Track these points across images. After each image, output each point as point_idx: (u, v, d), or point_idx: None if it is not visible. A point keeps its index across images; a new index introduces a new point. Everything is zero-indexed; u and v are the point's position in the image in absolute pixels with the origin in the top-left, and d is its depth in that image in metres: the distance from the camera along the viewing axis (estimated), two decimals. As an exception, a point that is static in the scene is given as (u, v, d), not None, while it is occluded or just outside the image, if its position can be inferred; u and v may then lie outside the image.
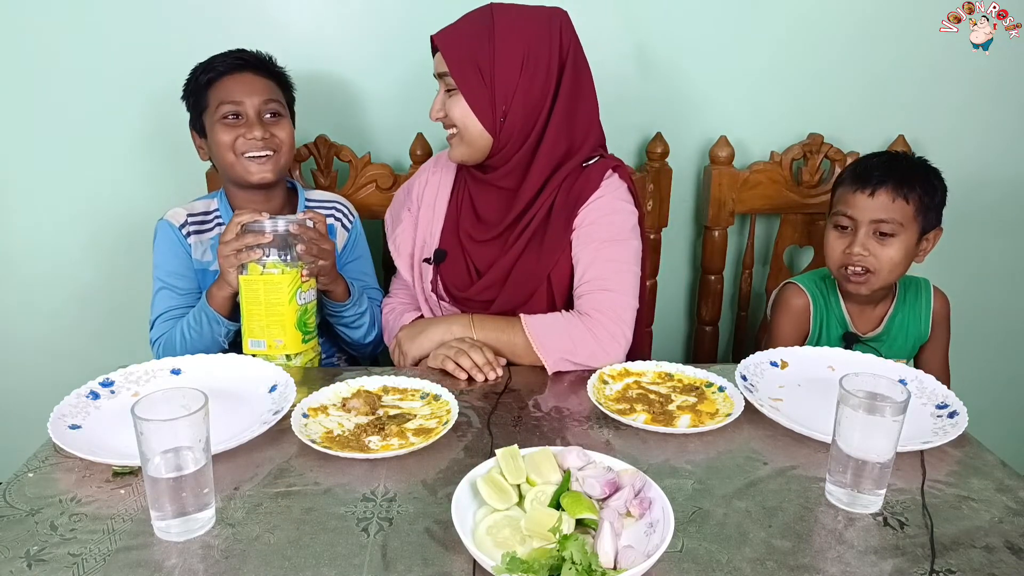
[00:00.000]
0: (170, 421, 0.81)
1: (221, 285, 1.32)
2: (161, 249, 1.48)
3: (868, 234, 1.39)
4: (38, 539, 0.84)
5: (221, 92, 1.43)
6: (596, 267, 1.31)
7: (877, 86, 1.76)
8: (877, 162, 1.41)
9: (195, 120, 1.48)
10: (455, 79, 1.28)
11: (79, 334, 1.87)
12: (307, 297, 1.29)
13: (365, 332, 1.51)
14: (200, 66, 1.46)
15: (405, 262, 1.48)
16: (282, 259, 1.27)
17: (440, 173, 1.49)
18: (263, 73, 1.47)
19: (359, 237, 1.62)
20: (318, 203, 1.60)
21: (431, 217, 1.46)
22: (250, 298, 1.26)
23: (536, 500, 0.85)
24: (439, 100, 1.33)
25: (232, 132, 1.42)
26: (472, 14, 1.32)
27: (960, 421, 1.05)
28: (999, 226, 1.90)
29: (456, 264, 1.42)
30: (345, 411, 1.10)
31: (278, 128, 1.46)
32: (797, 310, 1.51)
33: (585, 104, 1.35)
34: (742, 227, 1.88)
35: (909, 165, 1.41)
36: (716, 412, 1.10)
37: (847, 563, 0.80)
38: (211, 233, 1.52)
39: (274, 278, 1.25)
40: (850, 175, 1.42)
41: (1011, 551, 0.83)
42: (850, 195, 1.40)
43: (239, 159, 1.43)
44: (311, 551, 0.81)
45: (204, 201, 1.54)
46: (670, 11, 1.69)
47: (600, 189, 1.33)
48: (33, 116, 1.71)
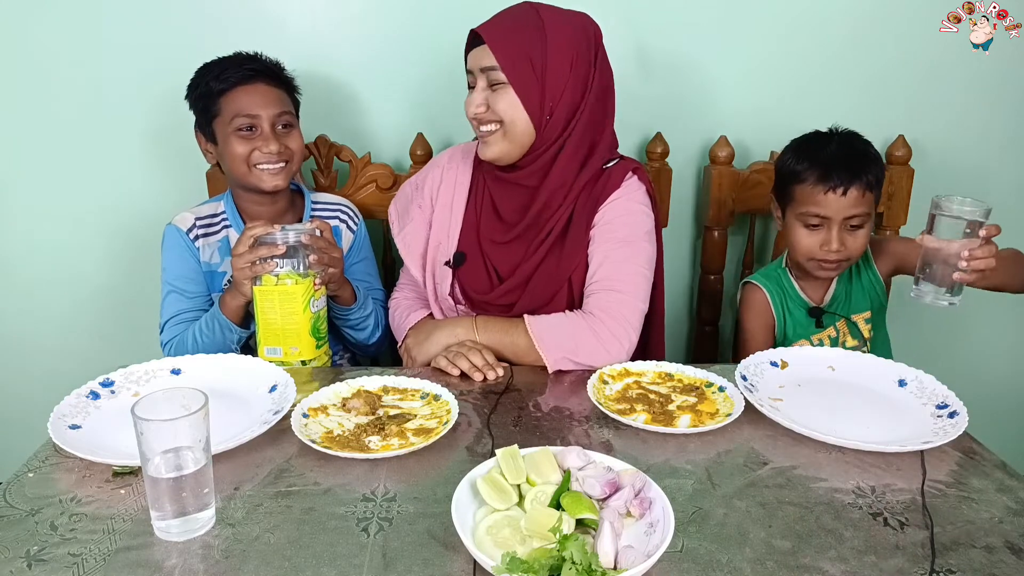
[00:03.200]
0: (170, 421, 0.81)
1: (235, 295, 1.33)
2: (169, 254, 1.50)
3: (841, 229, 1.43)
4: (38, 539, 0.84)
5: (236, 104, 1.42)
6: (606, 267, 1.31)
7: (877, 86, 1.76)
8: (836, 156, 1.41)
9: (204, 125, 1.48)
10: (506, 72, 1.27)
11: (79, 334, 1.87)
12: (319, 304, 1.31)
13: (369, 333, 1.52)
14: (209, 71, 1.45)
15: (416, 261, 1.48)
16: (295, 269, 1.28)
17: (456, 171, 1.48)
18: (275, 83, 1.47)
19: (364, 239, 1.63)
20: (324, 205, 1.60)
21: (448, 219, 1.46)
22: (265, 308, 1.28)
23: (536, 500, 0.85)
24: (480, 94, 1.32)
25: (248, 144, 1.43)
26: (514, 10, 1.32)
27: (960, 421, 1.05)
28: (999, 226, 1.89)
29: (475, 267, 1.42)
30: (345, 411, 1.10)
31: (290, 139, 1.48)
32: (759, 305, 1.56)
33: (608, 107, 1.38)
34: (742, 227, 1.87)
35: (862, 153, 1.44)
36: (716, 412, 1.10)
37: (847, 563, 0.80)
38: (218, 235, 1.52)
39: (288, 288, 1.27)
40: (816, 175, 1.41)
41: (1011, 551, 0.83)
42: (820, 196, 1.41)
43: (252, 169, 1.44)
44: (311, 551, 0.81)
45: (211, 204, 1.56)
46: (670, 11, 1.70)
47: (620, 190, 1.35)
48: (33, 117, 1.71)
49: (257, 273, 1.28)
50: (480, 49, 1.30)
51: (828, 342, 1.54)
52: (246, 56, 1.47)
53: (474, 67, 1.32)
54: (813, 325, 1.54)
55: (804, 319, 1.55)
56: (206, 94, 1.44)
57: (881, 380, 1.20)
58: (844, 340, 1.55)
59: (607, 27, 1.36)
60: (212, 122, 1.45)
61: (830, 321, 1.54)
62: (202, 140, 1.50)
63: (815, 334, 1.55)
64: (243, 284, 1.30)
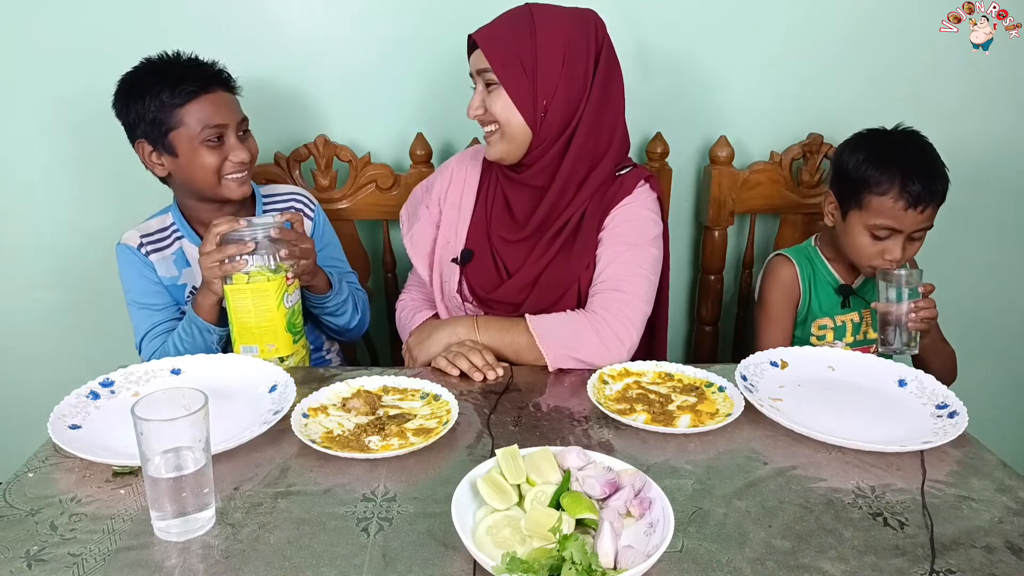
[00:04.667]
0: (170, 421, 0.81)
1: (206, 294, 1.31)
2: (127, 272, 1.46)
3: (906, 239, 1.42)
4: (38, 539, 0.84)
5: (202, 114, 1.36)
6: (613, 268, 1.32)
7: (877, 86, 1.76)
8: (917, 171, 1.38)
9: (156, 138, 1.38)
10: (497, 74, 1.29)
11: (79, 334, 1.87)
12: (293, 299, 1.30)
13: (349, 318, 1.51)
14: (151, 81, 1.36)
15: (423, 260, 1.48)
16: (265, 264, 1.26)
17: (465, 172, 1.49)
18: (228, 88, 1.43)
19: (324, 223, 1.60)
20: (276, 198, 1.57)
21: (456, 217, 1.46)
22: (238, 307, 1.26)
23: (536, 500, 0.85)
24: (478, 97, 1.33)
25: (218, 155, 1.38)
26: (510, 13, 1.33)
27: (960, 421, 1.05)
28: (999, 226, 1.90)
29: (484, 265, 1.42)
30: (345, 411, 1.10)
31: (251, 143, 1.45)
32: (787, 278, 1.57)
33: (614, 105, 1.37)
34: (742, 227, 1.88)
35: (940, 167, 1.42)
36: (716, 412, 1.10)
37: (847, 563, 0.80)
38: (172, 248, 1.48)
39: (261, 286, 1.25)
40: (897, 191, 1.38)
41: (1011, 551, 0.83)
42: (900, 212, 1.39)
43: (222, 180, 1.41)
44: (311, 551, 0.81)
45: (156, 219, 1.50)
46: (670, 11, 1.70)
47: (632, 195, 1.37)
48: (39, 109, 1.71)
49: (227, 272, 1.25)
50: (477, 52, 1.31)
51: (851, 326, 1.55)
52: (188, 63, 1.40)
53: (473, 70, 1.34)
54: (839, 305, 1.55)
55: (831, 297, 1.56)
56: (158, 107, 1.35)
57: (881, 380, 1.20)
58: (867, 331, 1.56)
59: (607, 27, 1.36)
60: (168, 135, 1.37)
61: (857, 304, 1.55)
62: (149, 152, 1.40)
63: (840, 315, 1.56)
64: (213, 283, 1.28)
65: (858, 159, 1.44)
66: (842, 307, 1.55)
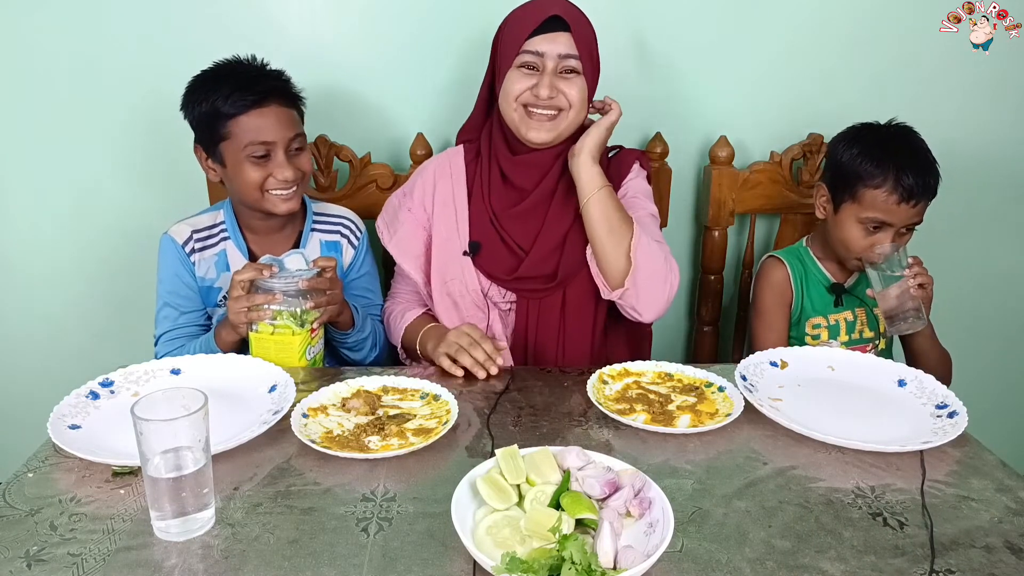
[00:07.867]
0: (170, 421, 0.81)
1: (230, 332, 1.31)
2: (165, 266, 1.46)
3: (897, 233, 1.44)
4: (38, 539, 0.84)
5: (249, 129, 1.34)
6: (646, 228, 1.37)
7: (877, 86, 1.76)
8: (911, 165, 1.40)
9: (209, 145, 1.39)
10: (585, 62, 1.33)
11: (79, 334, 1.87)
12: (316, 349, 1.31)
13: (366, 354, 1.50)
14: (212, 88, 1.35)
15: (413, 263, 1.48)
16: (291, 311, 1.26)
17: (450, 170, 1.48)
18: (286, 102, 1.40)
19: (365, 253, 1.59)
20: (326, 219, 1.56)
21: (452, 214, 1.46)
22: (260, 353, 1.26)
23: (536, 500, 0.85)
24: (547, 78, 1.32)
25: (262, 171, 1.36)
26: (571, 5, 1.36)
27: (960, 421, 1.05)
28: (999, 226, 1.90)
29: (495, 251, 1.43)
30: (345, 411, 1.10)
31: (302, 160, 1.42)
32: (779, 280, 1.59)
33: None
34: (742, 227, 1.87)
35: (932, 162, 1.44)
36: (716, 412, 1.11)
37: (847, 563, 0.80)
38: (215, 249, 1.48)
39: (285, 339, 1.26)
40: (891, 185, 1.40)
41: (1011, 551, 0.83)
42: (893, 206, 1.41)
43: (266, 195, 1.39)
44: (311, 551, 0.82)
45: (210, 214, 1.51)
46: (670, 10, 1.69)
47: (632, 172, 1.46)
48: (31, 113, 1.70)
49: (252, 320, 1.26)
50: (557, 35, 1.31)
51: (844, 325, 1.56)
52: (252, 71, 1.39)
53: (548, 51, 1.32)
54: (832, 304, 1.56)
55: (823, 297, 1.57)
56: (212, 114, 1.35)
57: (881, 380, 1.20)
58: (862, 330, 1.56)
59: (607, 26, 1.36)
60: (219, 144, 1.37)
61: (850, 303, 1.56)
62: (204, 158, 1.42)
63: (832, 313, 1.56)
64: (239, 327, 1.28)
65: (853, 152, 1.46)
66: (835, 306, 1.56)
